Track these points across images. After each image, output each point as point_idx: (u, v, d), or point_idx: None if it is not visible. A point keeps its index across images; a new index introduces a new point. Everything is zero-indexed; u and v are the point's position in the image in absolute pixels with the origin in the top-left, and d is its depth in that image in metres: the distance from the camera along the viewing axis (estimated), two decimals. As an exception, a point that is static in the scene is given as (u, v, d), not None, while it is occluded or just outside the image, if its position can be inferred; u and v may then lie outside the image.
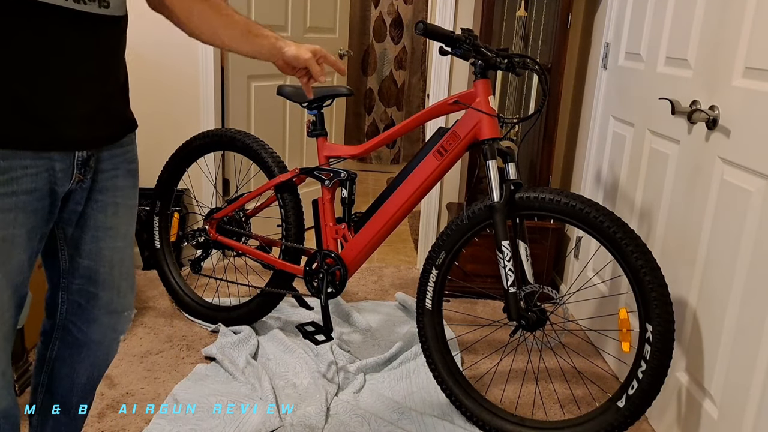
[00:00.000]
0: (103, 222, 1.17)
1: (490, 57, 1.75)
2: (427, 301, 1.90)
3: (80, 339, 1.24)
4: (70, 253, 1.18)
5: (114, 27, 1.07)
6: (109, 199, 1.17)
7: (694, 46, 1.76)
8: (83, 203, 1.14)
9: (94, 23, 1.01)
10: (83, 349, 1.26)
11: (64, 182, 1.06)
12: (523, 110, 2.70)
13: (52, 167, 1.03)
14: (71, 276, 1.20)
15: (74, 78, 1.00)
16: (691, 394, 1.71)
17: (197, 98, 2.80)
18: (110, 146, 1.14)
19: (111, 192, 1.17)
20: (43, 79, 0.96)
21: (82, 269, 1.19)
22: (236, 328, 2.29)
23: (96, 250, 1.18)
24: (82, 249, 1.17)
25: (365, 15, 4.96)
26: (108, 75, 1.08)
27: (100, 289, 1.21)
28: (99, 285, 1.20)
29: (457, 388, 1.86)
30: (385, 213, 1.95)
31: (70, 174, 1.06)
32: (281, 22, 3.06)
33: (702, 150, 1.68)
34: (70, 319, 1.23)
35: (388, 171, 5.20)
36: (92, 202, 1.15)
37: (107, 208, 1.17)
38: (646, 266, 1.55)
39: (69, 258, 1.18)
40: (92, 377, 1.31)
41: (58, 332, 1.25)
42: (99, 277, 1.20)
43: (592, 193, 2.53)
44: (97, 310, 1.22)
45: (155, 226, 2.51)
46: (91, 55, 1.02)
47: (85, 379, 1.29)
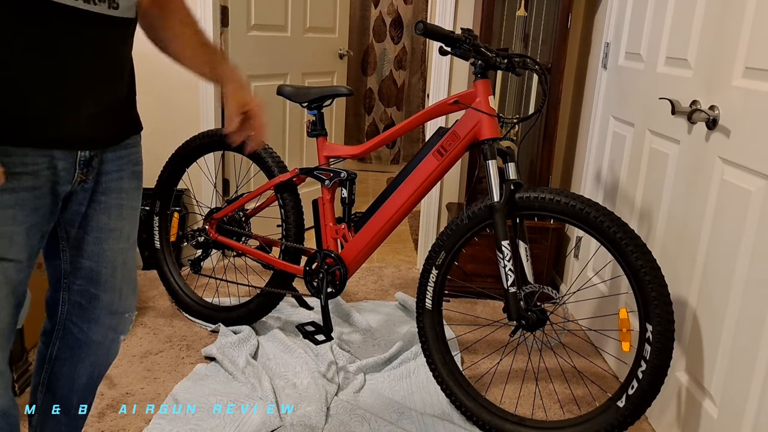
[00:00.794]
0: (106, 224, 1.17)
1: (490, 57, 1.75)
2: (427, 301, 1.90)
3: (81, 339, 1.24)
4: (72, 253, 1.18)
5: (123, 29, 1.07)
6: (113, 200, 1.17)
7: (694, 46, 1.76)
8: (86, 204, 1.13)
9: (103, 24, 1.01)
10: (83, 350, 1.25)
11: (66, 181, 1.06)
12: (523, 110, 2.70)
13: (53, 165, 1.02)
14: (72, 276, 1.19)
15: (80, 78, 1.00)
16: (691, 394, 1.71)
17: (197, 98, 2.80)
18: (115, 147, 1.14)
19: (115, 193, 1.17)
20: (47, 77, 0.96)
21: (84, 270, 1.18)
22: (236, 328, 2.29)
23: (98, 251, 1.18)
24: (84, 250, 1.17)
25: (365, 15, 4.96)
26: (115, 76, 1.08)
27: (102, 291, 1.21)
28: (100, 286, 1.20)
29: (457, 387, 1.86)
30: (385, 213, 1.95)
31: (72, 173, 1.06)
32: (281, 22, 3.06)
33: (702, 150, 1.68)
34: (70, 319, 1.23)
35: (388, 171, 5.20)
36: (95, 203, 1.14)
37: (111, 209, 1.17)
38: (646, 266, 1.55)
39: (71, 259, 1.18)
40: (92, 377, 1.30)
41: (58, 332, 1.25)
42: (101, 278, 1.20)
43: (592, 193, 2.53)
44: (98, 310, 1.22)
45: (155, 226, 2.51)
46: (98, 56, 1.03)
47: (86, 379, 1.29)
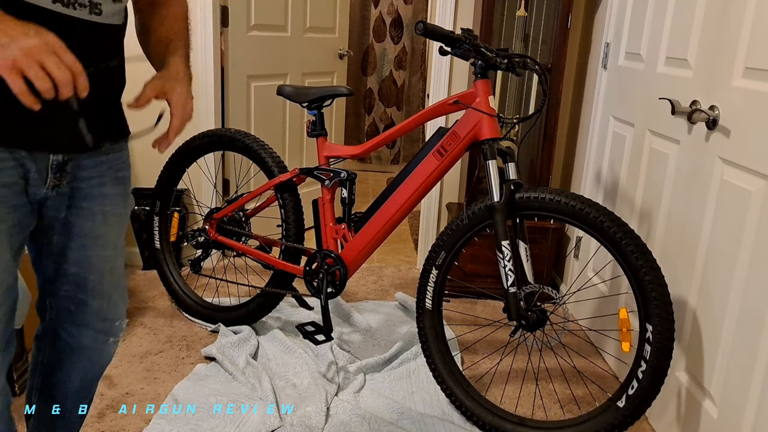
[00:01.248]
0: (90, 230, 1.14)
1: (490, 57, 1.75)
2: (427, 301, 1.90)
3: (71, 344, 1.22)
4: (55, 260, 1.15)
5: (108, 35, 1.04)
6: (97, 207, 1.14)
7: (694, 46, 1.76)
8: (65, 210, 1.11)
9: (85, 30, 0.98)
10: (75, 354, 1.23)
11: (39, 185, 1.04)
12: (523, 110, 2.70)
13: (23, 165, 1.00)
14: (58, 282, 1.17)
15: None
16: (691, 394, 1.71)
17: (197, 98, 2.79)
18: (94, 153, 1.10)
19: (98, 200, 1.14)
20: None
21: (70, 276, 1.16)
22: (236, 328, 2.29)
23: (84, 258, 1.15)
24: (68, 256, 1.15)
25: (365, 15, 4.96)
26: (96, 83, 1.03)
27: (90, 297, 1.19)
28: (88, 292, 1.18)
29: (457, 388, 1.86)
30: (385, 213, 1.95)
31: (44, 177, 1.04)
32: (281, 22, 3.06)
33: (702, 150, 1.68)
34: (60, 324, 1.21)
35: (388, 171, 5.20)
36: (77, 209, 1.12)
37: (95, 216, 1.14)
38: (646, 266, 1.55)
39: (54, 264, 1.16)
40: (86, 381, 1.28)
41: (48, 337, 1.23)
42: (88, 284, 1.18)
43: (592, 193, 2.53)
44: (87, 316, 1.20)
45: (155, 226, 2.51)
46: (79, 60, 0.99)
47: (78, 383, 1.27)
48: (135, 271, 2.88)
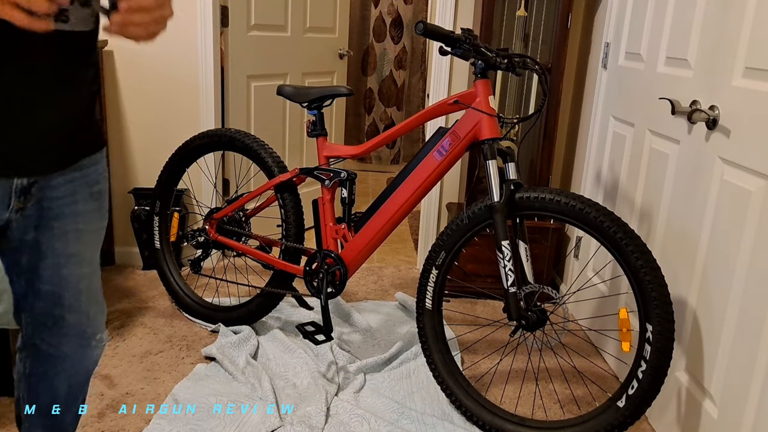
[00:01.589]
0: (63, 250, 1.09)
1: (490, 57, 1.75)
2: (427, 301, 1.90)
3: (53, 354, 1.18)
4: (27, 279, 1.10)
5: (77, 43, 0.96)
6: (69, 226, 1.08)
7: (694, 46, 1.76)
8: (33, 231, 1.05)
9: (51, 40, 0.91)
10: (57, 363, 1.19)
11: (2, 209, 0.98)
12: (523, 110, 2.70)
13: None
14: (31, 298, 1.12)
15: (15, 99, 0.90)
16: (691, 394, 1.71)
17: (197, 98, 2.80)
18: (65, 171, 1.04)
19: (71, 218, 1.08)
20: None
21: (44, 293, 1.11)
22: (236, 328, 2.29)
23: (58, 276, 1.10)
24: (41, 275, 1.09)
25: (365, 15, 4.96)
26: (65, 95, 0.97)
27: (67, 312, 1.14)
28: (65, 309, 1.14)
29: (457, 387, 1.87)
30: (385, 213, 1.95)
31: (7, 201, 0.98)
32: (281, 21, 3.06)
33: (702, 150, 1.68)
34: (38, 336, 1.17)
35: (388, 171, 5.20)
36: (47, 229, 1.06)
37: (67, 235, 1.08)
38: (646, 266, 1.55)
39: (26, 282, 1.11)
40: (72, 388, 1.25)
41: (28, 350, 1.20)
42: (64, 301, 1.13)
43: (592, 193, 2.53)
44: (65, 329, 1.16)
45: (155, 226, 2.51)
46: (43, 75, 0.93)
47: (65, 390, 1.23)
48: (135, 271, 2.88)
